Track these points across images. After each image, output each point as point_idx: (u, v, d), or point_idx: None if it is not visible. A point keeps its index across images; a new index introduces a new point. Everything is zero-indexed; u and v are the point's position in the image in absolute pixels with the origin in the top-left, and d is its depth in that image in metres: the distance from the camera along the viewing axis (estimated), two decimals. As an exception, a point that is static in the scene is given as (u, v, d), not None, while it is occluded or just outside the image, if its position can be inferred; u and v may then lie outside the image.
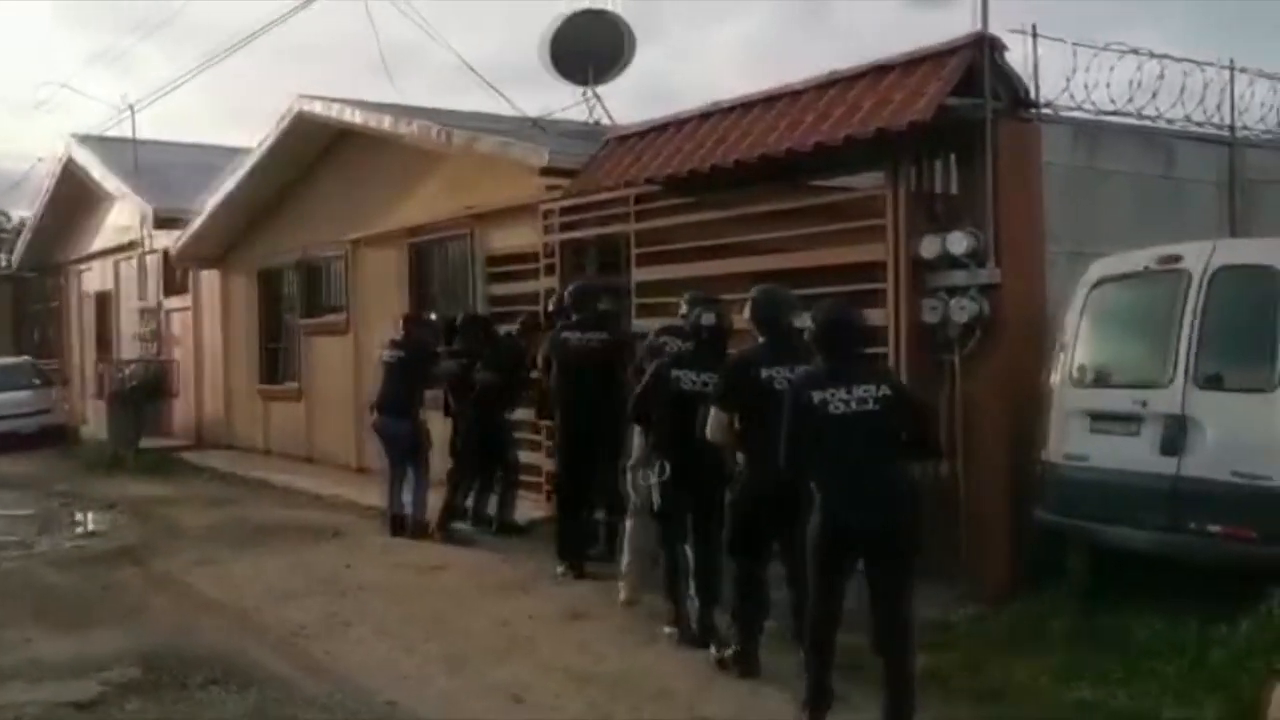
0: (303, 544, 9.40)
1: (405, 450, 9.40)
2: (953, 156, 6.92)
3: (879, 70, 7.13)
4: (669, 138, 8.67)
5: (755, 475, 5.31)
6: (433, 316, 10.04)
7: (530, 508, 9.71)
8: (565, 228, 9.90)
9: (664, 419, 6.00)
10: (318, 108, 12.91)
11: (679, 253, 8.69)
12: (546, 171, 9.53)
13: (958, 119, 6.61)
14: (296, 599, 7.29)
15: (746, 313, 5.62)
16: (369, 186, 13.20)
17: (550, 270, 10.10)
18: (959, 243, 6.64)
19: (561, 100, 12.59)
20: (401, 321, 9.99)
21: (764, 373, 5.32)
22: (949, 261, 6.76)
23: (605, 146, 9.40)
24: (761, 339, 5.55)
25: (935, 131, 6.63)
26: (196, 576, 8.16)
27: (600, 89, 12.60)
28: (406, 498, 9.40)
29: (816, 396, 4.62)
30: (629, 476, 6.76)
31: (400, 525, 9.33)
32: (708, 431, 5.43)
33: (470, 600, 7.15)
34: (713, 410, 5.42)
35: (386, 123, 11.73)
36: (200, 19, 37.04)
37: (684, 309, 6.56)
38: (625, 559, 6.74)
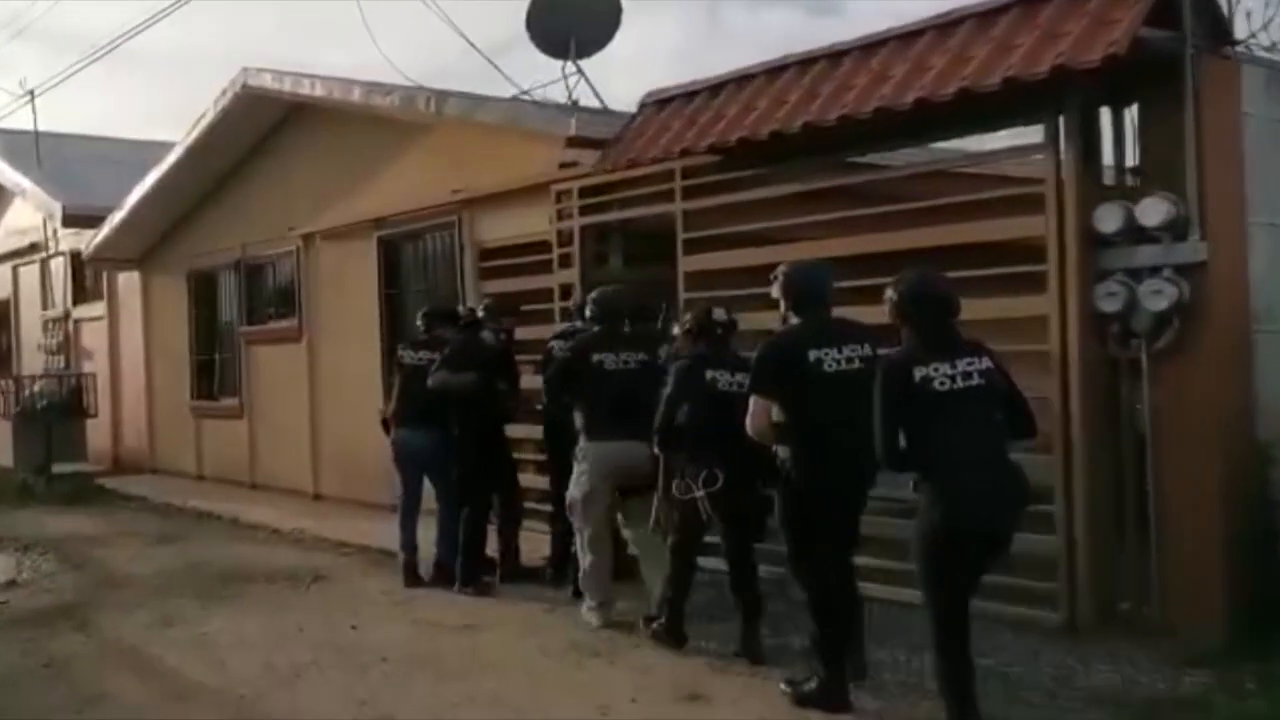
0: (283, 594, 7.75)
1: (428, 471, 7.78)
2: (1134, 105, 5.63)
3: (1026, 1, 5.83)
4: (730, 97, 7.25)
5: (806, 473, 4.72)
6: (465, 309, 8.15)
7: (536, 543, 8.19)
8: (587, 211, 8.41)
9: (701, 425, 5.52)
10: (268, 80, 11.20)
11: (744, 236, 7.28)
12: (574, 142, 8.02)
13: (1151, 55, 5.32)
14: (306, 678, 5.68)
15: (776, 290, 5.01)
16: (326, 172, 11.53)
17: (566, 262, 8.61)
18: (1153, 212, 5.35)
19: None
20: (422, 317, 8.21)
21: (811, 354, 4.74)
22: (1134, 236, 5.47)
23: (642, 112, 7.94)
24: (798, 319, 4.93)
25: (1113, 73, 5.33)
26: (163, 645, 6.48)
27: (584, 65, 11.14)
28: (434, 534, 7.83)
29: (918, 374, 4.10)
30: (580, 506, 6.36)
31: (414, 572, 7.73)
32: (749, 424, 4.86)
33: (541, 674, 5.61)
34: (751, 400, 4.84)
35: (357, 94, 10.09)
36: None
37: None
38: (590, 576, 6.39)
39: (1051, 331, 5.67)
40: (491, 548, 7.70)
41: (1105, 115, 5.80)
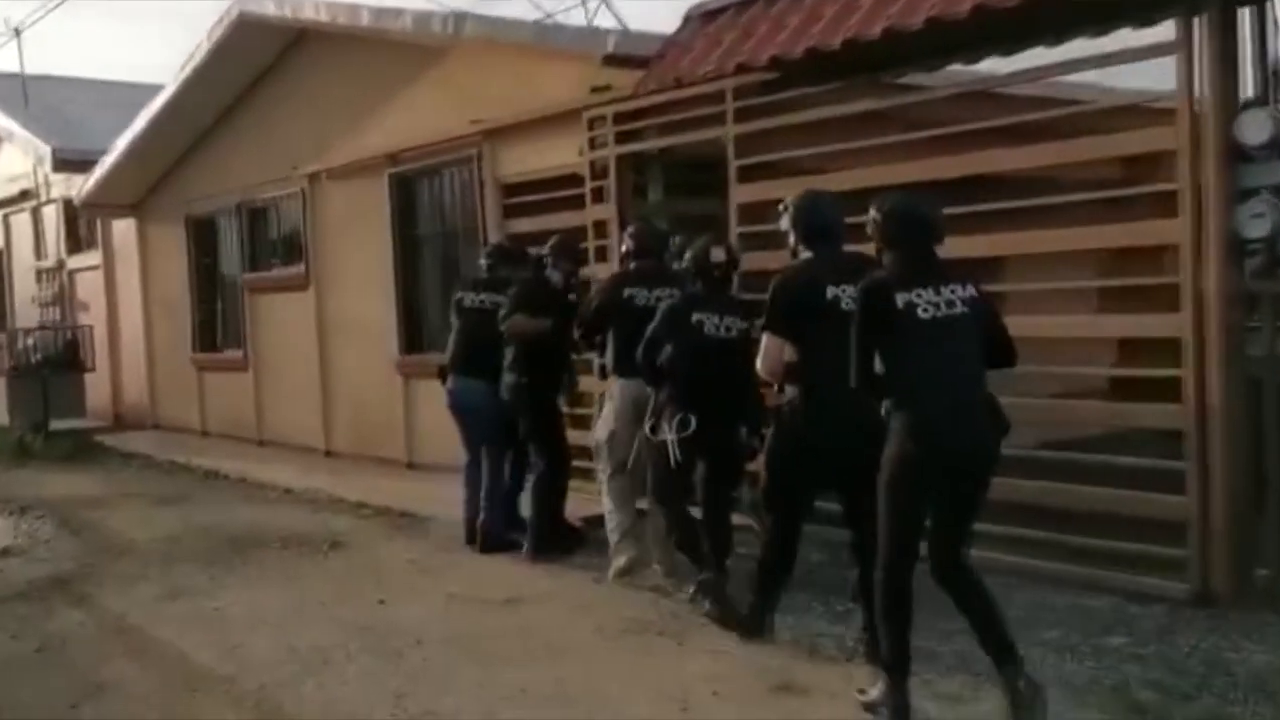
0: (299, 562, 7.08)
1: (486, 425, 6.96)
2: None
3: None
4: (792, 3, 6.44)
5: (811, 414, 4.49)
6: (533, 251, 7.14)
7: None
8: (623, 138, 7.64)
9: (684, 368, 5.39)
10: (267, 6, 10.36)
11: (808, 160, 6.53)
12: (611, 61, 7.21)
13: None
14: (332, 665, 4.99)
15: (785, 221, 4.71)
16: (333, 106, 10.72)
17: (600, 196, 7.85)
18: (1308, 119, 4.59)
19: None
20: (486, 255, 7.37)
21: (829, 291, 4.44)
22: (1284, 148, 4.71)
23: (688, 25, 7.12)
24: (810, 253, 4.64)
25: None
26: (170, 624, 5.80)
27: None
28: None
29: (901, 299, 3.93)
30: (605, 448, 6.08)
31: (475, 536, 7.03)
32: (759, 364, 4.62)
33: (603, 659, 4.91)
34: (764, 339, 4.57)
35: (365, 17, 9.26)
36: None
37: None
38: (617, 525, 6.05)
39: (1184, 261, 4.93)
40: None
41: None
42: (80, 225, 15.92)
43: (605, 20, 9.83)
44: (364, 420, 10.78)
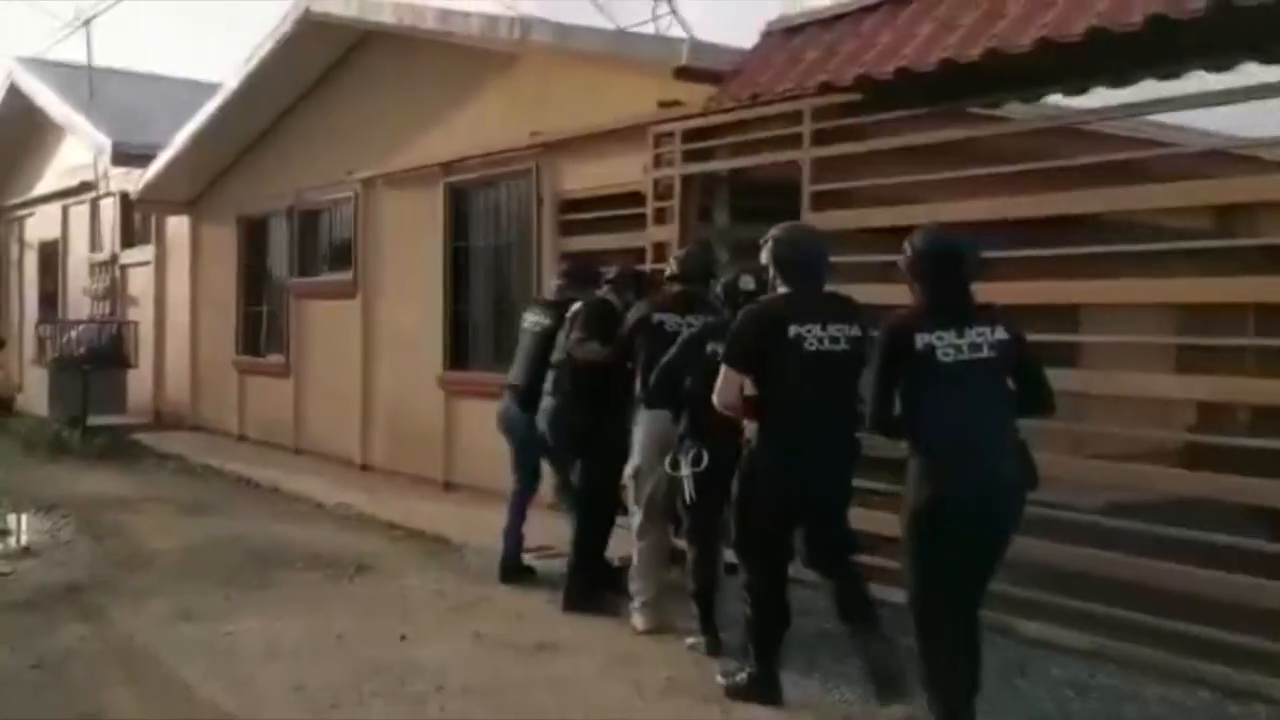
0: (322, 586, 6.68)
1: (524, 450, 6.70)
2: None
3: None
4: (883, 20, 5.99)
5: (771, 452, 4.41)
6: (610, 272, 6.48)
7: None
8: (691, 157, 7.21)
9: (699, 400, 4.88)
10: (333, 6, 10.07)
11: (888, 190, 6.07)
12: (683, 74, 6.79)
13: None
14: (344, 708, 4.57)
15: (764, 255, 4.61)
16: (391, 111, 10.41)
17: (662, 217, 7.43)
18: None
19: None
20: (559, 275, 6.83)
21: (792, 329, 4.37)
22: None
23: (766, 40, 6.69)
24: (785, 288, 4.54)
25: None
26: (178, 648, 5.41)
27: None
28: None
29: (920, 340, 3.85)
30: (632, 484, 5.67)
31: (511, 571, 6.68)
32: (714, 396, 4.53)
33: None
34: (723, 370, 4.50)
35: (431, 19, 8.93)
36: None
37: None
38: (640, 591, 5.65)
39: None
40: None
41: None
42: (136, 220, 15.79)
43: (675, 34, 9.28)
44: (403, 435, 10.41)
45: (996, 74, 5.48)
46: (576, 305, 6.25)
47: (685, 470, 5.05)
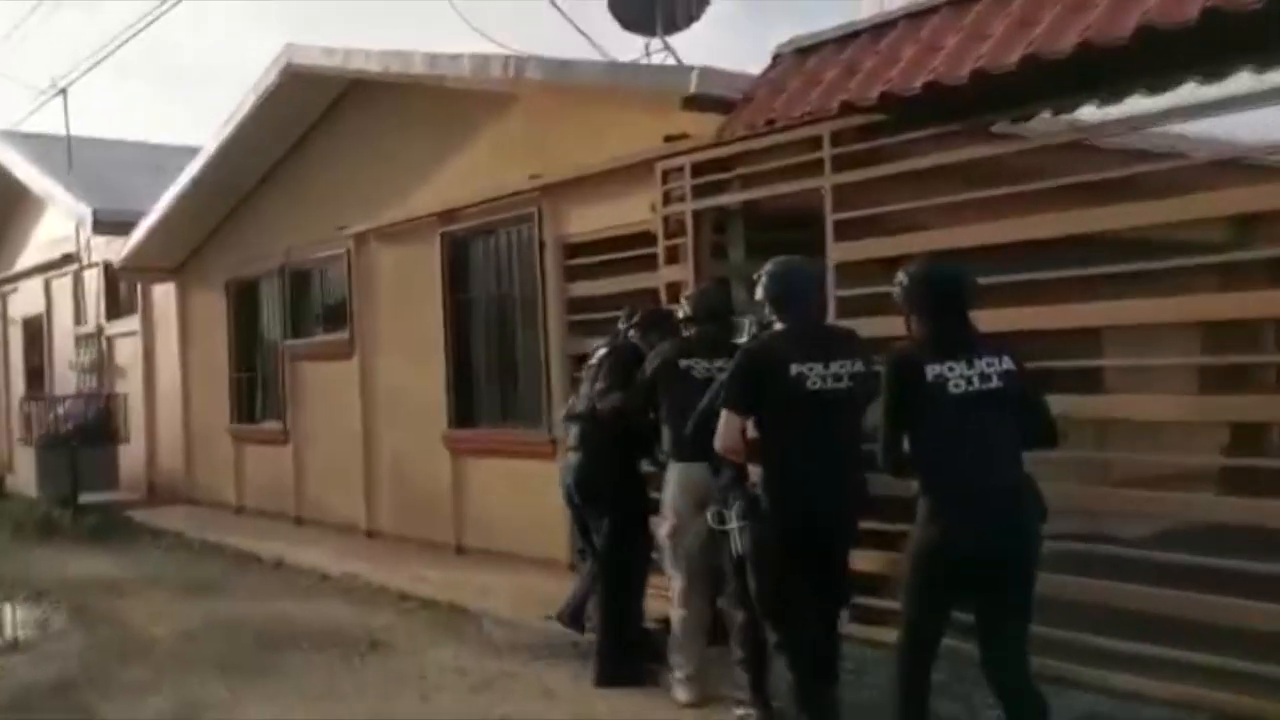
0: (331, 669, 6.20)
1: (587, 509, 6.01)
2: None
3: None
4: (905, 35, 5.63)
5: (777, 495, 4.23)
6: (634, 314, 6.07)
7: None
8: (701, 192, 6.83)
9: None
10: (316, 56, 9.75)
11: (919, 214, 5.70)
12: (692, 104, 6.43)
13: None
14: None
15: (759, 292, 4.49)
16: (382, 163, 10.06)
17: (674, 256, 7.04)
18: None
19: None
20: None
21: (793, 369, 4.23)
22: None
23: (779, 63, 6.33)
24: (782, 325, 4.42)
25: None
26: (178, 752, 4.95)
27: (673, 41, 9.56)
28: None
29: (931, 372, 3.76)
30: (668, 545, 5.25)
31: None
32: (717, 439, 4.35)
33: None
34: (724, 414, 4.33)
35: (419, 64, 8.58)
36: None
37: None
38: (680, 664, 5.21)
39: None
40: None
41: None
42: (121, 290, 15.40)
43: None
44: (409, 499, 9.96)
45: (1030, 86, 5.12)
46: (601, 351, 5.84)
47: (733, 523, 4.60)
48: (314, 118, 10.89)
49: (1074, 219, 5.14)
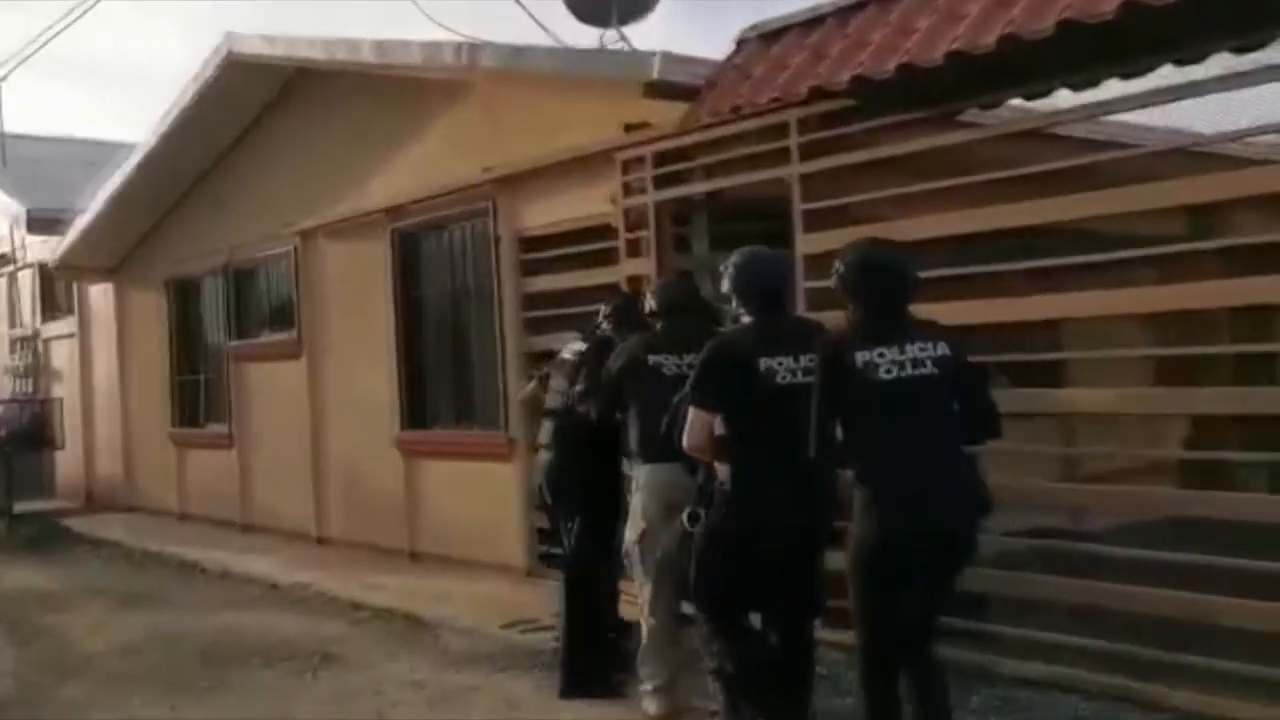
0: (281, 685, 5.89)
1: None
2: None
3: None
4: (875, 17, 5.44)
5: (743, 498, 4.08)
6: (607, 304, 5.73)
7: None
8: (663, 182, 6.61)
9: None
10: (258, 45, 9.40)
11: (889, 204, 5.52)
12: (654, 91, 6.20)
13: None
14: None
15: (726, 283, 4.35)
16: (329, 156, 9.73)
17: (636, 249, 6.82)
18: None
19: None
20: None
21: (762, 363, 4.09)
22: None
23: (743, 48, 6.12)
24: (749, 318, 4.29)
25: None
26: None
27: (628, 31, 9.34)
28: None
29: (860, 358, 3.69)
30: (636, 550, 4.92)
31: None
32: (684, 438, 4.19)
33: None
34: (690, 411, 4.16)
35: (368, 52, 8.28)
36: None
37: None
38: (650, 676, 4.91)
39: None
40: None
41: None
42: (57, 291, 14.90)
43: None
44: (360, 504, 9.64)
45: (1008, 69, 4.95)
46: (576, 346, 5.58)
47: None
48: (257, 110, 10.53)
49: (1043, 208, 5.00)
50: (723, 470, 4.15)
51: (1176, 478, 6.18)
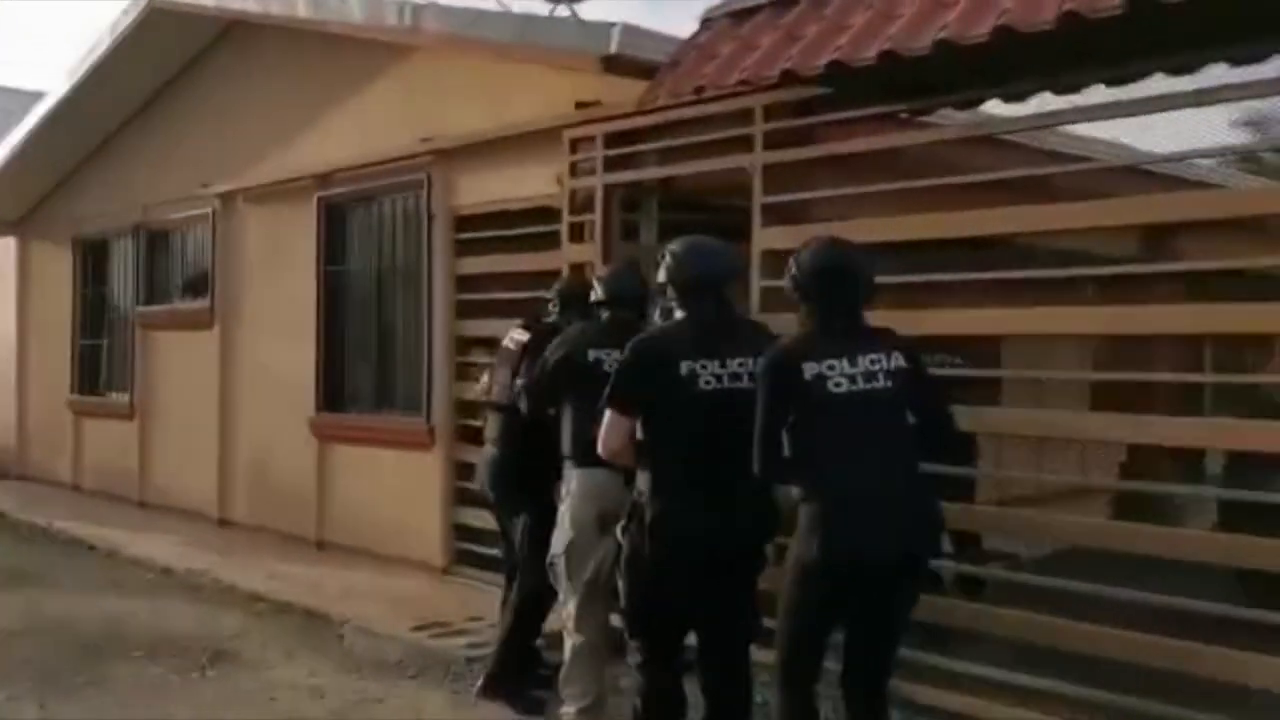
0: (165, 685, 5.38)
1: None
2: None
3: None
4: (849, 2, 5.07)
5: (661, 511, 3.71)
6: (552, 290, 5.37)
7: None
8: (614, 165, 6.21)
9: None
10: (184, -8, 8.80)
11: (856, 201, 5.18)
12: (611, 65, 5.78)
13: None
14: None
15: (661, 274, 4.03)
16: (255, 116, 9.17)
17: (580, 234, 6.41)
18: None
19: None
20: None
21: (684, 366, 3.76)
22: None
23: (710, 25, 5.72)
24: (681, 313, 3.98)
25: None
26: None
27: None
28: None
29: (809, 370, 3.44)
30: (563, 561, 4.50)
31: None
32: (600, 442, 3.90)
33: None
34: (608, 413, 3.86)
35: (302, 7, 7.73)
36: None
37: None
38: (575, 697, 4.50)
39: None
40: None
41: None
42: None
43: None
44: (268, 487, 9.08)
45: (998, 63, 4.64)
46: (519, 336, 5.15)
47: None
48: (182, 62, 9.89)
49: (1027, 214, 4.71)
50: (641, 479, 3.82)
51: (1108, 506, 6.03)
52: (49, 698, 5.11)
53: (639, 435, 3.84)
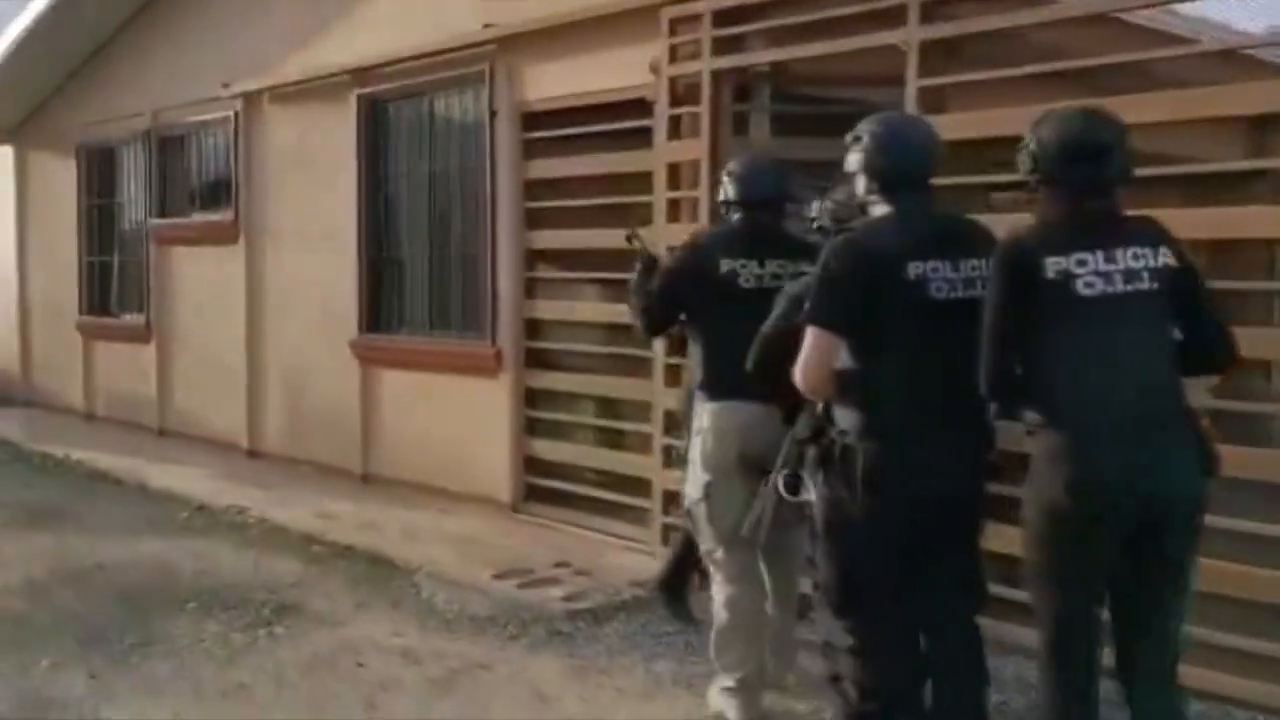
0: (230, 646, 4.65)
1: None
2: None
3: None
4: None
5: (883, 449, 3.00)
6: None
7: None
8: (722, 47, 5.38)
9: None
10: None
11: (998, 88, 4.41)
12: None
13: None
14: None
15: (852, 160, 3.22)
16: (280, 3, 8.27)
17: (679, 129, 5.61)
18: None
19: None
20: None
21: (911, 269, 3.01)
22: None
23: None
24: (886, 208, 3.16)
25: None
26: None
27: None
28: None
29: (1053, 267, 2.80)
30: (701, 514, 3.84)
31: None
32: (799, 373, 3.07)
33: None
34: (810, 334, 3.05)
35: None
36: None
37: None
38: (730, 667, 3.81)
39: None
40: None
41: None
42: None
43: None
44: (305, 414, 8.35)
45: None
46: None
47: (814, 492, 3.25)
48: (197, -53, 8.96)
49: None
50: (845, 417, 3.11)
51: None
52: (97, 664, 4.41)
53: (839, 363, 3.11)
